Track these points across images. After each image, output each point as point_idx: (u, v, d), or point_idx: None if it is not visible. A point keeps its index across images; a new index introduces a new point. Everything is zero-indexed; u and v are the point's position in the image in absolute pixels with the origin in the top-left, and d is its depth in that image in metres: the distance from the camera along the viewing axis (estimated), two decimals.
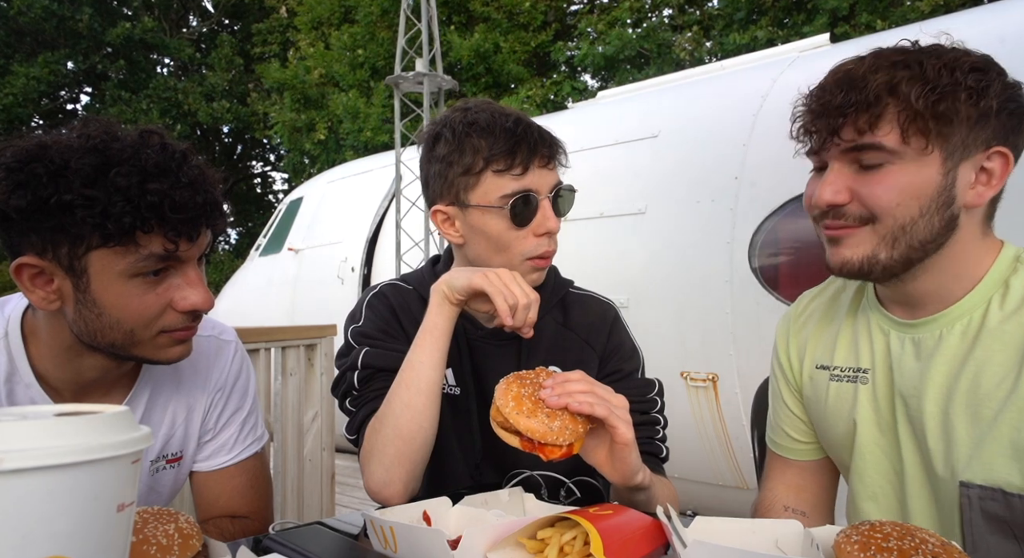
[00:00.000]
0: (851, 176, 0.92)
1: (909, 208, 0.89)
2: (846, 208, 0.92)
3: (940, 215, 0.90)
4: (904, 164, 0.88)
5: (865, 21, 8.66)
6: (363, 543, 0.88)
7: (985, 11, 3.45)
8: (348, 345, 1.25)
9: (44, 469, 0.40)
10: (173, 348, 1.01)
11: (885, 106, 0.86)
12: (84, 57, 16.13)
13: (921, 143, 0.87)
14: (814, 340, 1.14)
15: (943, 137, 0.87)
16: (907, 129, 0.86)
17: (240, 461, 1.21)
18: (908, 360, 0.99)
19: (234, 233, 20.75)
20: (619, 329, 1.31)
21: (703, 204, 3.62)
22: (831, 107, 0.89)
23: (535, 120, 1.18)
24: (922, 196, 0.89)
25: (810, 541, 0.74)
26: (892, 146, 0.87)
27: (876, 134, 0.88)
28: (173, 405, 1.15)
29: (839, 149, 0.91)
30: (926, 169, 0.88)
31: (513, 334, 1.24)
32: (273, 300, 6.58)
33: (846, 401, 1.06)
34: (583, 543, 0.74)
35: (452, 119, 1.17)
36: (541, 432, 0.87)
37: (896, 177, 0.88)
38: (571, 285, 1.35)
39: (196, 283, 0.97)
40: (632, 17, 10.98)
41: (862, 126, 0.88)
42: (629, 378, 1.26)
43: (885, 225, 0.90)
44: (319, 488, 3.09)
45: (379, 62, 11.80)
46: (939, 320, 0.96)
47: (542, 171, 1.15)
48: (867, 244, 0.93)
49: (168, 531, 0.72)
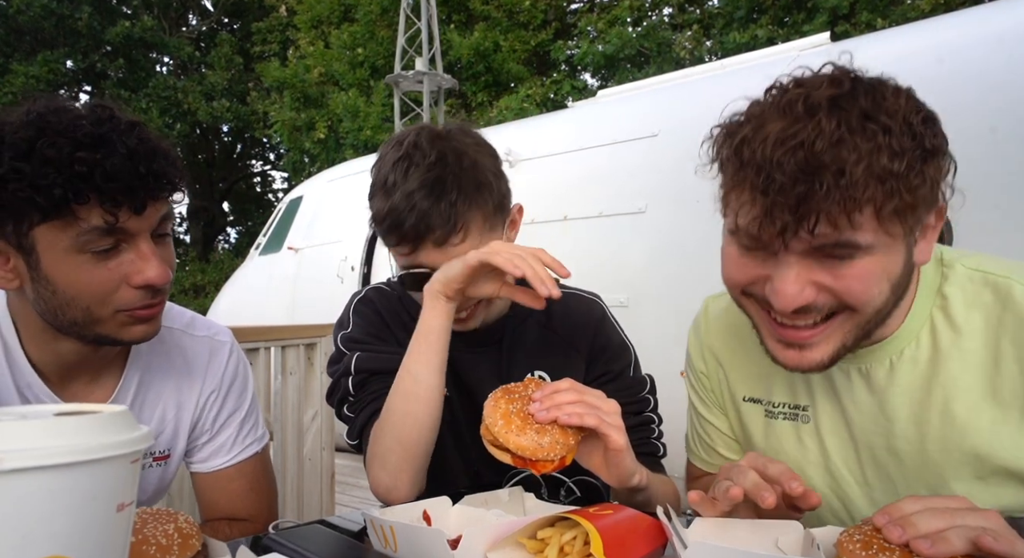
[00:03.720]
0: (814, 269, 0.79)
1: (884, 291, 0.80)
2: (812, 304, 0.80)
3: (904, 283, 0.84)
4: (876, 253, 0.78)
5: (865, 19, 8.66)
6: (364, 542, 0.88)
7: (985, 11, 3.45)
8: (339, 352, 1.23)
9: (44, 469, 0.40)
10: (135, 327, 0.98)
11: (868, 200, 0.73)
12: (83, 56, 16.13)
13: (897, 230, 0.77)
14: (738, 367, 1.07)
15: (915, 217, 0.78)
16: (887, 219, 0.75)
17: (238, 463, 1.20)
18: (860, 394, 0.93)
19: (234, 232, 20.77)
20: (605, 327, 1.27)
21: (703, 203, 3.61)
22: (801, 198, 0.72)
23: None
24: (892, 276, 0.81)
25: (811, 541, 0.74)
26: (869, 241, 0.76)
27: (856, 231, 0.74)
28: (164, 400, 1.14)
29: (805, 244, 0.77)
30: (895, 251, 0.79)
31: (492, 340, 1.23)
32: (273, 299, 6.58)
33: (787, 441, 1.00)
34: (583, 543, 0.74)
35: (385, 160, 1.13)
36: (531, 449, 0.86)
37: (869, 266, 0.78)
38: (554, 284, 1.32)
39: (150, 258, 0.94)
40: (632, 16, 10.99)
41: (840, 222, 0.73)
42: (619, 378, 1.23)
43: (864, 315, 0.82)
44: (319, 487, 3.09)
45: (379, 61, 11.79)
46: (885, 348, 0.90)
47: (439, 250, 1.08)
48: (837, 336, 0.83)
49: (168, 531, 0.71)
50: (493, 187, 1.11)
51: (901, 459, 0.92)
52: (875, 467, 0.94)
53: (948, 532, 0.65)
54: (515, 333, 1.24)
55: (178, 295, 15.76)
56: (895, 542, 0.66)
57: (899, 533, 0.66)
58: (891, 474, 0.93)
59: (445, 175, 1.06)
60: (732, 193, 0.81)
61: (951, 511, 0.68)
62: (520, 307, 1.22)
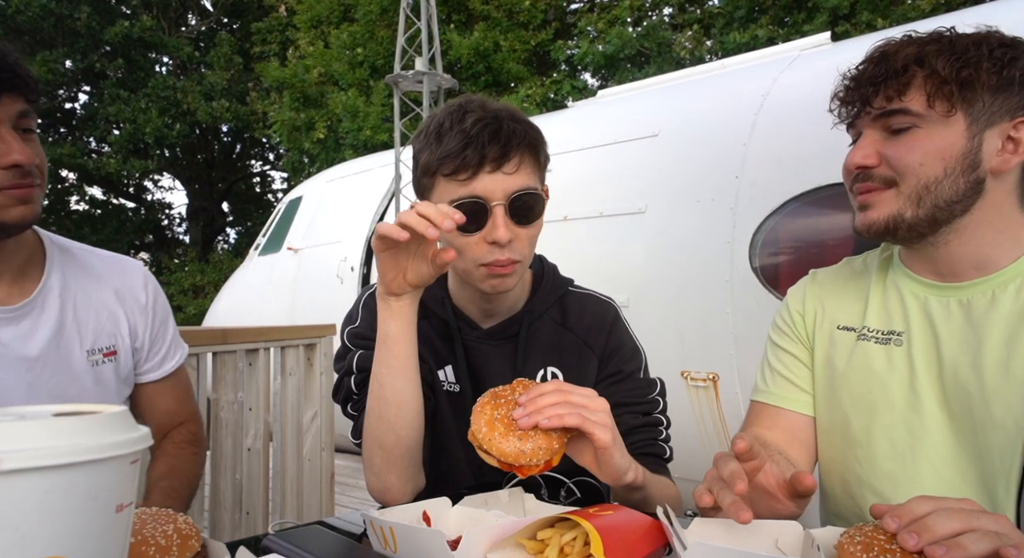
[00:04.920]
0: (880, 141, 0.97)
1: (933, 168, 0.93)
2: (874, 171, 0.97)
3: (965, 177, 0.93)
4: (930, 127, 0.93)
5: (866, 19, 8.66)
6: (364, 543, 0.88)
7: (985, 11, 3.45)
8: (344, 347, 1.24)
9: (43, 469, 0.40)
10: (14, 209, 1.08)
11: (912, 75, 0.93)
12: (82, 56, 16.11)
13: (945, 107, 0.92)
14: (834, 304, 1.15)
15: (967, 102, 0.92)
16: (932, 94, 0.92)
17: (179, 368, 1.42)
18: (957, 323, 0.98)
19: (233, 232, 20.76)
20: (619, 329, 1.29)
21: (703, 203, 3.62)
22: (863, 79, 0.97)
23: (534, 119, 1.16)
24: (946, 157, 0.93)
25: (811, 542, 0.74)
26: (918, 110, 0.93)
27: (904, 100, 0.94)
28: (93, 302, 1.28)
29: (870, 117, 0.98)
30: (950, 132, 0.93)
31: (510, 333, 1.24)
32: (272, 300, 6.58)
33: (875, 360, 1.05)
34: (583, 543, 0.73)
35: (434, 116, 1.15)
36: (514, 456, 0.86)
37: (921, 139, 0.94)
38: (570, 283, 1.33)
39: (11, 142, 1.06)
40: (632, 16, 10.98)
41: (891, 93, 0.94)
42: (630, 379, 1.25)
43: (908, 185, 0.95)
44: (319, 488, 3.09)
45: (378, 61, 11.78)
46: (990, 281, 0.97)
47: (494, 176, 1.07)
48: (892, 204, 0.97)
49: (167, 532, 0.71)
50: (542, 142, 1.15)
51: (983, 378, 0.94)
52: (956, 386, 0.97)
53: (964, 538, 0.64)
54: (531, 329, 1.25)
55: (177, 295, 15.74)
56: (911, 550, 0.65)
57: (914, 541, 0.65)
58: (971, 393, 0.96)
59: (501, 119, 1.09)
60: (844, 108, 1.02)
61: (965, 512, 0.67)
62: (535, 304, 1.25)
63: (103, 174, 17.04)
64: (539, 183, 1.14)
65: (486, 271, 1.11)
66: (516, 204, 1.09)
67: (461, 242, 1.10)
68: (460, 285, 1.23)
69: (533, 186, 1.11)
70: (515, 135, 1.08)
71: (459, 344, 1.23)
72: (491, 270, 1.11)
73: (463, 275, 1.16)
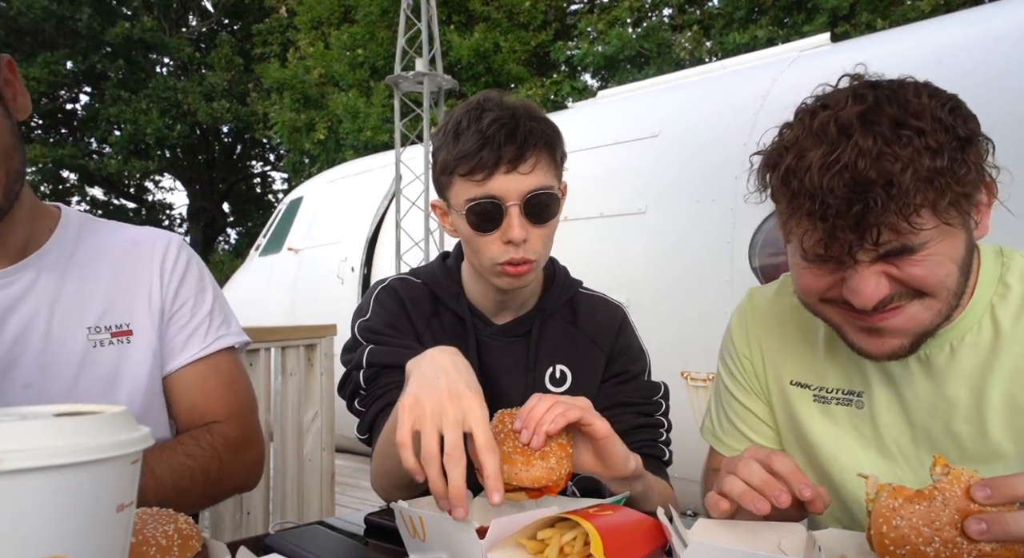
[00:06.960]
0: (882, 266, 0.82)
1: (952, 273, 0.83)
2: (889, 295, 0.84)
3: (968, 262, 0.87)
4: (938, 241, 0.81)
5: (865, 20, 8.66)
6: (364, 543, 0.88)
7: (985, 11, 3.45)
8: (355, 340, 1.23)
9: (44, 469, 0.40)
10: None
11: (922, 203, 0.77)
12: (83, 57, 16.12)
13: (955, 218, 0.80)
14: (785, 353, 1.08)
15: (969, 202, 0.81)
16: (944, 213, 0.78)
17: (212, 355, 1.18)
18: (918, 380, 0.94)
19: (234, 233, 20.78)
20: (627, 331, 1.31)
21: (703, 204, 3.62)
22: (858, 216, 0.77)
23: None
24: (958, 258, 0.84)
25: (813, 543, 0.74)
26: (931, 226, 0.79)
27: (918, 232, 0.78)
28: (107, 271, 1.13)
29: (873, 254, 0.81)
30: (956, 236, 0.83)
31: (523, 332, 1.25)
32: (273, 300, 6.58)
33: (840, 424, 1.01)
34: (583, 543, 0.74)
35: (452, 114, 1.15)
36: (545, 476, 0.86)
37: (935, 254, 0.81)
38: (580, 285, 1.34)
39: None
40: (632, 17, 10.99)
41: (901, 227, 0.77)
42: (636, 380, 1.26)
43: (940, 299, 0.84)
44: (319, 488, 3.09)
45: (379, 62, 11.80)
46: (945, 335, 0.91)
47: (509, 177, 1.07)
48: (918, 321, 0.85)
49: (168, 532, 0.71)
50: (559, 140, 1.15)
51: (961, 443, 0.92)
52: (931, 450, 0.95)
53: None
54: (542, 327, 1.26)
55: None
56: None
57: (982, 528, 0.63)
58: (951, 458, 0.93)
59: (518, 117, 1.09)
60: (791, 221, 0.84)
61: None
62: (547, 302, 1.26)
63: (104, 175, 17.07)
64: (556, 181, 1.15)
65: (500, 270, 1.13)
66: (531, 204, 1.10)
67: (478, 241, 1.12)
68: (474, 278, 1.24)
69: (549, 185, 1.11)
70: (532, 134, 1.08)
71: (472, 340, 1.24)
72: (506, 269, 1.12)
73: (479, 271, 1.18)
